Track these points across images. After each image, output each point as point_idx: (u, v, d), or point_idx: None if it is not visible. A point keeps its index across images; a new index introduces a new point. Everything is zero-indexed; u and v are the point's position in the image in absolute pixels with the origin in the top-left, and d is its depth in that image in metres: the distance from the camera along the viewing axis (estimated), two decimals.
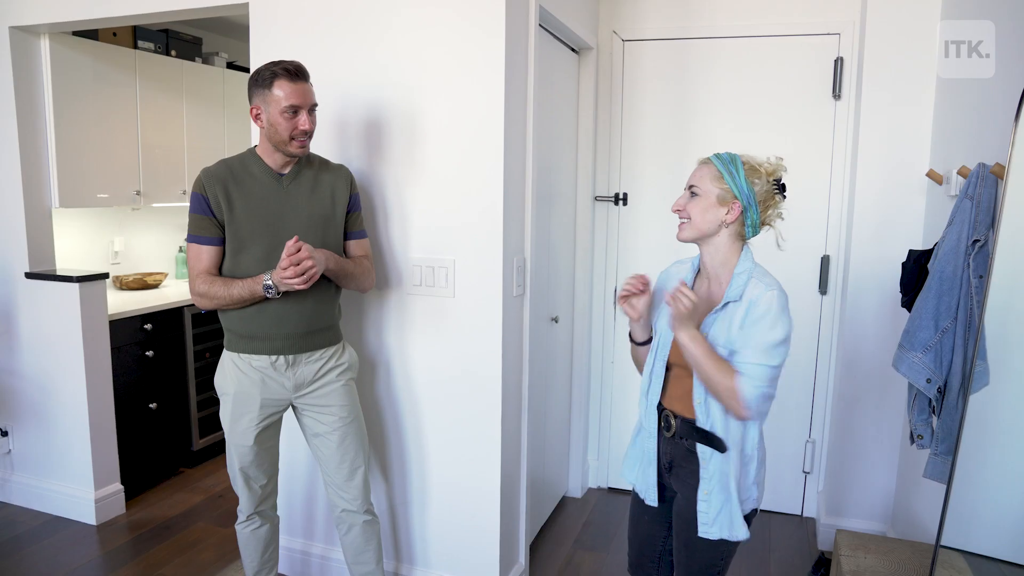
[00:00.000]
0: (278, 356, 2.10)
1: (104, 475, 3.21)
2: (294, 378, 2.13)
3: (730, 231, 1.64)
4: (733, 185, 1.60)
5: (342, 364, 2.21)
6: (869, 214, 2.81)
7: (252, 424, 2.14)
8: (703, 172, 1.64)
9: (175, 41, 3.89)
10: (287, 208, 2.07)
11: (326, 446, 2.21)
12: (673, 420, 1.72)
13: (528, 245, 2.46)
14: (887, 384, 2.82)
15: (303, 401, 2.18)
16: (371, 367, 2.52)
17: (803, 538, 3.12)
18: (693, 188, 1.65)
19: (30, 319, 3.18)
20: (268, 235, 2.04)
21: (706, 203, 1.62)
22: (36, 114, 3.14)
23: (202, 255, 2.05)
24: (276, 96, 1.97)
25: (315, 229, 2.09)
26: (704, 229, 1.64)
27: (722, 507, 1.65)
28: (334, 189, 2.15)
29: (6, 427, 3.32)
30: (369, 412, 2.54)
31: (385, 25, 2.34)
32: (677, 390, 1.72)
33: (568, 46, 3.02)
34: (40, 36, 3.12)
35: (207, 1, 2.61)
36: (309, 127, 2.01)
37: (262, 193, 2.05)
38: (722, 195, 1.61)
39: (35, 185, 3.15)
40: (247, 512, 2.27)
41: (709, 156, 1.66)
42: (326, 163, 2.21)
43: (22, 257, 3.14)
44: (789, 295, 3.17)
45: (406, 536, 2.57)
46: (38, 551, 2.94)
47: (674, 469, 1.75)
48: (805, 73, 3.04)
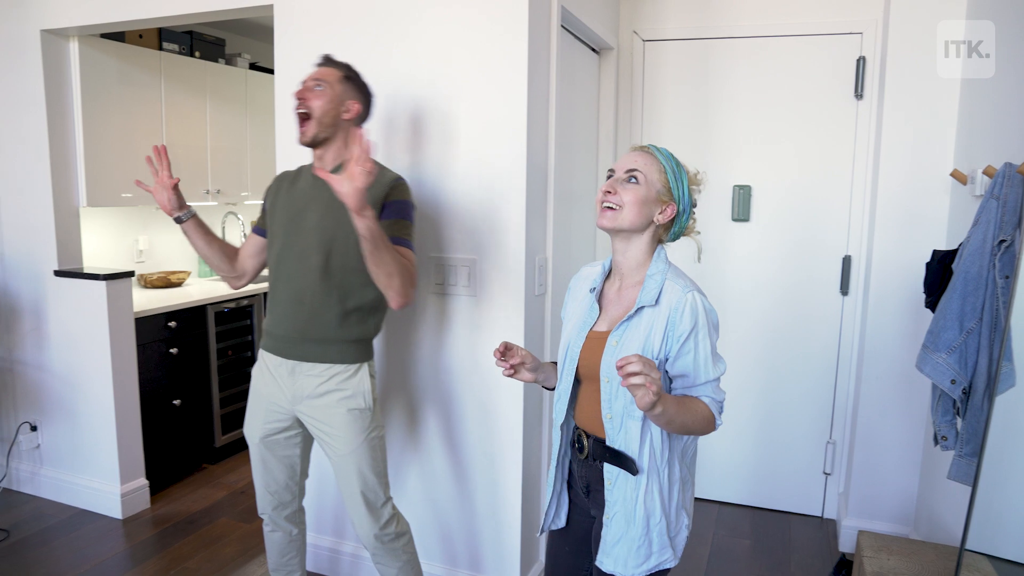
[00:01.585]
0: (277, 358, 2.06)
1: (129, 470, 3.26)
2: (293, 387, 2.05)
3: (653, 232, 1.50)
4: (676, 187, 1.48)
5: (345, 390, 2.02)
6: (892, 214, 2.79)
7: (259, 422, 2.11)
8: (647, 161, 1.48)
9: (199, 42, 3.94)
10: (311, 203, 2.02)
11: (335, 471, 2.09)
12: (585, 440, 1.54)
13: (550, 245, 2.47)
14: (910, 385, 2.81)
15: (304, 415, 2.07)
16: (393, 365, 2.55)
17: (823, 540, 3.11)
18: (634, 173, 1.47)
19: (58, 316, 3.24)
20: (285, 231, 2.04)
21: (647, 195, 1.46)
22: (65, 115, 3.20)
23: (248, 240, 2.24)
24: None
25: (324, 230, 1.98)
26: (635, 221, 1.46)
27: (621, 538, 1.48)
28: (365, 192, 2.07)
29: (35, 422, 3.38)
30: (391, 410, 2.56)
31: (408, 25, 2.36)
32: (587, 406, 1.55)
33: (589, 46, 3.03)
34: (69, 39, 3.17)
35: (232, 3, 2.65)
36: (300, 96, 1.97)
37: (298, 191, 2.07)
38: (662, 192, 1.47)
39: (64, 185, 3.20)
40: (260, 510, 2.24)
41: (648, 146, 1.52)
42: (380, 168, 2.02)
43: (51, 255, 3.19)
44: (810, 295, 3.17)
45: (427, 532, 2.59)
46: (66, 544, 2.99)
47: (591, 493, 1.58)
48: (827, 73, 3.03)
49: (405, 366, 2.53)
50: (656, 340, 1.43)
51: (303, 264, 2.00)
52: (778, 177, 3.16)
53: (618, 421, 1.47)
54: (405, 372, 2.53)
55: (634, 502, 1.47)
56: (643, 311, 1.46)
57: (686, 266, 1.66)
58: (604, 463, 1.50)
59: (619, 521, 1.49)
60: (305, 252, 1.99)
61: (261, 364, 2.14)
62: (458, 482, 2.51)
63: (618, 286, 1.55)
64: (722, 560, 2.94)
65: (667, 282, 1.46)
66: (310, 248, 1.98)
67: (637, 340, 1.44)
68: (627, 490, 1.47)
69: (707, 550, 3.01)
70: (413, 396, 2.53)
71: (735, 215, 3.22)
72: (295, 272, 2.01)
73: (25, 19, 3.05)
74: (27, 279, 3.28)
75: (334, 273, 1.98)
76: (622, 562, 1.48)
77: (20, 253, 3.28)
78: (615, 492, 1.49)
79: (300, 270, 2.00)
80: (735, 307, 3.28)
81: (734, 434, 3.36)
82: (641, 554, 1.48)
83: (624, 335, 1.46)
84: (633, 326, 1.46)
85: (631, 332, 1.45)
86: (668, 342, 1.43)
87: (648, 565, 1.49)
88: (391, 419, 2.57)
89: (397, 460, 2.59)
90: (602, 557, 1.51)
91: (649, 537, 1.48)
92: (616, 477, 1.49)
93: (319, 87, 1.97)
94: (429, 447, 2.54)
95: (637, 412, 1.44)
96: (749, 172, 3.19)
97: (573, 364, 1.55)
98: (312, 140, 1.98)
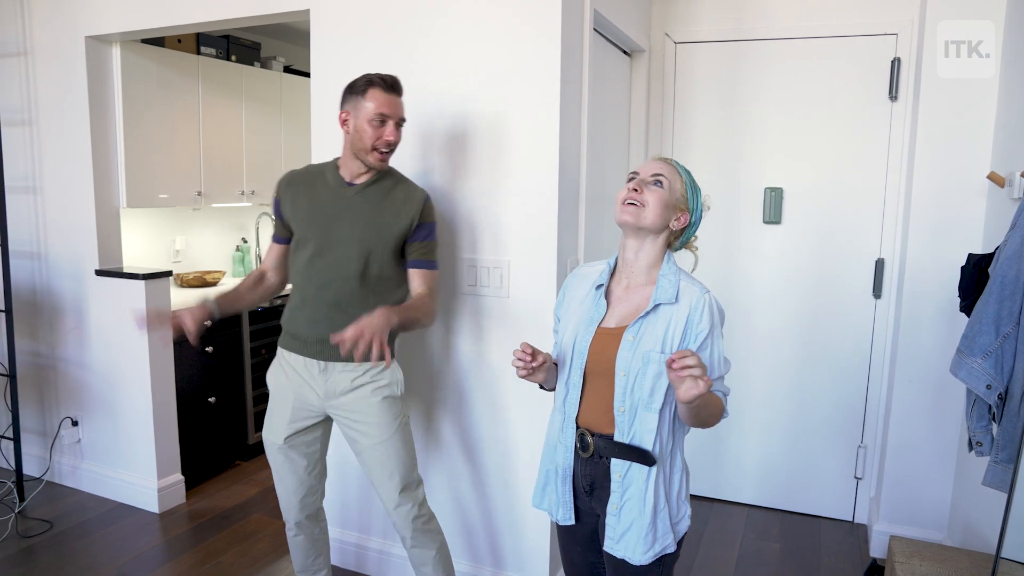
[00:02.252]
0: (308, 359, 2.12)
1: (166, 465, 3.33)
2: (325, 385, 2.12)
3: (666, 236, 1.59)
4: (692, 199, 1.59)
5: (380, 380, 2.12)
6: (926, 217, 2.77)
7: (284, 424, 2.16)
8: (670, 170, 1.58)
9: (235, 46, 4.02)
10: (345, 215, 2.08)
11: (364, 461, 2.16)
12: (589, 438, 1.59)
13: (581, 246, 2.49)
14: (944, 389, 2.78)
15: (335, 411, 2.14)
16: (426, 365, 2.58)
17: (854, 545, 3.09)
18: (659, 178, 1.56)
19: (99, 315, 3.33)
20: (315, 240, 2.09)
21: (668, 200, 1.56)
22: (107, 118, 3.28)
23: (270, 252, 2.27)
24: (367, 106, 2.01)
25: (364, 242, 2.06)
26: (656, 222, 1.55)
27: (632, 525, 1.54)
28: (400, 209, 2.09)
29: (77, 417, 3.47)
30: (422, 409, 2.60)
31: (442, 30, 2.39)
32: (595, 403, 1.59)
33: (620, 48, 3.04)
34: (112, 44, 3.26)
35: (270, 8, 2.70)
36: (393, 138, 2.04)
37: (327, 198, 2.11)
38: (680, 201, 1.58)
39: (105, 186, 3.29)
40: (284, 515, 2.28)
41: (668, 158, 1.62)
42: (406, 183, 2.16)
43: (92, 255, 3.28)
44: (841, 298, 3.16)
45: (460, 531, 2.62)
46: (106, 536, 3.07)
47: (595, 491, 1.62)
48: (860, 74, 3.01)
49: (438, 365, 2.56)
50: (675, 336, 1.51)
51: (341, 272, 2.07)
52: (810, 179, 3.14)
53: (631, 414, 1.53)
54: (438, 371, 2.56)
55: (644, 492, 1.54)
56: (660, 308, 1.52)
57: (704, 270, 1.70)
58: (612, 458, 1.56)
59: (631, 510, 1.55)
60: (342, 261, 2.07)
61: (281, 366, 2.18)
62: (486, 481, 2.54)
63: (625, 285, 1.61)
64: (751, 563, 2.93)
65: (682, 282, 1.55)
66: (348, 258, 2.06)
67: (655, 336, 1.51)
68: (638, 481, 1.54)
69: (735, 553, 3.00)
70: (444, 394, 2.57)
71: (766, 217, 3.21)
72: (332, 279, 2.08)
73: (71, 26, 3.14)
74: (69, 278, 3.37)
75: (371, 280, 2.09)
76: (631, 549, 1.55)
77: (63, 253, 3.37)
78: (625, 484, 1.55)
79: (338, 278, 2.07)
80: (765, 309, 3.27)
81: (764, 437, 3.35)
82: (647, 541, 1.55)
83: (641, 331, 1.52)
84: (650, 322, 1.52)
85: (648, 328, 1.52)
86: (687, 338, 1.51)
87: (653, 551, 1.55)
88: (421, 418, 2.61)
89: (425, 458, 2.63)
90: (612, 544, 1.58)
91: (655, 525, 1.55)
92: (627, 470, 1.54)
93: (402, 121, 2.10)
94: (458, 445, 2.57)
95: (655, 404, 1.51)
96: (781, 174, 3.18)
97: (582, 359, 1.59)
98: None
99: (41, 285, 3.47)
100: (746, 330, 3.30)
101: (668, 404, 1.53)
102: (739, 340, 3.29)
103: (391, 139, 2.03)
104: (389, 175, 2.15)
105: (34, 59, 3.28)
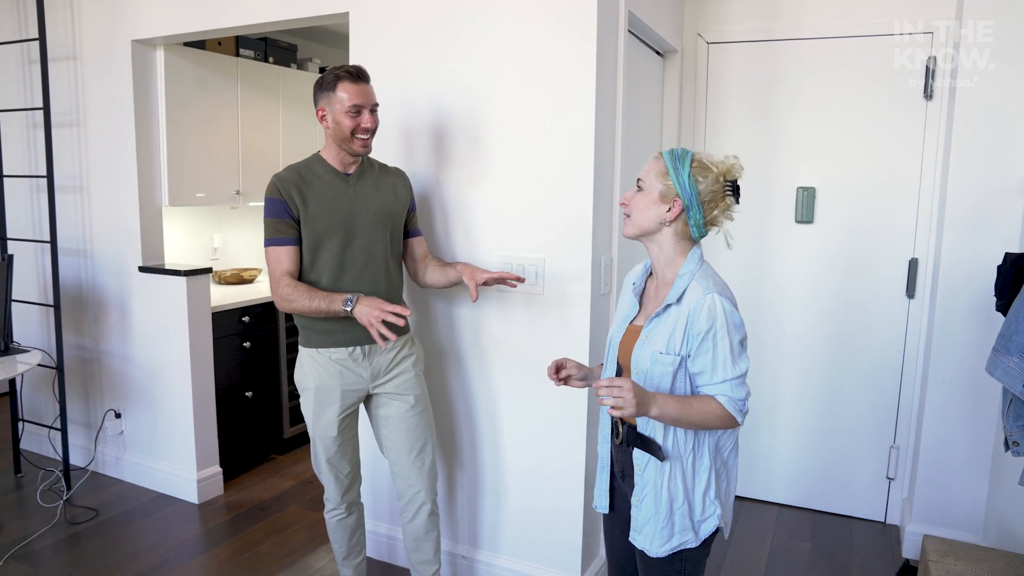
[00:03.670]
0: (355, 347, 2.21)
1: (205, 457, 3.42)
2: (371, 368, 2.25)
3: (673, 230, 1.57)
4: (676, 182, 1.54)
5: (413, 354, 2.34)
6: (961, 216, 2.75)
7: (335, 416, 2.25)
8: (651, 167, 1.59)
9: (272, 48, 4.10)
10: (357, 205, 2.20)
11: (397, 434, 2.32)
12: (620, 427, 1.66)
13: (615, 245, 2.52)
14: (978, 389, 2.76)
15: (381, 389, 2.29)
16: (461, 358, 2.63)
17: (886, 545, 3.07)
18: (639, 182, 1.60)
19: (142, 310, 3.43)
20: (341, 231, 2.17)
21: (648, 199, 1.57)
22: (151, 119, 3.38)
23: (283, 256, 2.14)
24: (340, 97, 2.10)
25: (382, 224, 2.24)
26: (644, 226, 1.58)
27: (650, 518, 1.59)
28: (395, 188, 2.30)
29: (120, 409, 3.57)
30: (456, 403, 2.65)
31: (480, 32, 2.44)
32: None
33: (653, 49, 3.07)
34: (156, 47, 3.36)
35: (309, 11, 2.76)
36: (371, 124, 2.15)
37: (332, 192, 2.18)
38: (664, 191, 1.55)
39: (148, 185, 3.39)
40: (334, 502, 2.38)
41: (661, 151, 1.62)
42: (385, 166, 2.35)
43: (136, 252, 3.38)
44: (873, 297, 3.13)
45: (492, 525, 2.66)
46: (147, 525, 3.17)
47: (626, 478, 1.70)
48: (895, 73, 3.00)
49: (476, 360, 2.61)
50: (678, 337, 1.53)
51: (372, 258, 2.21)
52: (843, 179, 3.14)
53: None
54: (475, 366, 2.61)
55: (660, 486, 1.58)
56: (669, 309, 1.55)
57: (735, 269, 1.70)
58: (634, 448, 1.61)
59: (648, 503, 1.59)
60: (369, 248, 2.21)
61: (316, 363, 2.22)
62: (522, 475, 2.58)
63: (656, 284, 1.66)
64: (781, 562, 2.93)
65: (692, 283, 1.54)
66: (374, 241, 2.22)
67: (663, 335, 1.55)
68: (655, 475, 1.58)
69: (766, 551, 3.01)
70: (479, 388, 2.61)
71: (799, 217, 3.21)
72: (365, 266, 2.21)
73: (118, 31, 3.25)
74: (114, 275, 3.48)
75: (393, 257, 2.29)
76: (649, 540, 1.60)
77: (108, 250, 3.48)
78: (645, 476, 1.60)
79: (370, 264, 2.21)
80: (797, 308, 3.27)
81: (795, 436, 3.35)
82: (664, 534, 1.58)
83: (652, 330, 1.57)
84: (660, 322, 1.56)
85: (658, 328, 1.56)
86: (688, 341, 1.52)
87: (670, 545, 1.59)
88: (461, 413, 2.65)
89: (465, 452, 2.67)
90: (634, 534, 1.63)
91: (672, 519, 1.58)
92: (646, 463, 1.59)
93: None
94: (495, 438, 2.61)
95: None
96: (813, 174, 3.18)
97: (615, 354, 1.68)
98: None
99: (87, 281, 3.58)
100: (778, 329, 3.30)
101: None
102: (770, 339, 3.30)
103: (369, 125, 2.15)
104: (369, 163, 2.30)
105: (83, 63, 3.39)
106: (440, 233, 2.60)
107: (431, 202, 2.60)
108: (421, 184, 2.59)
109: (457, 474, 2.70)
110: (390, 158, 2.57)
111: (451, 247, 2.58)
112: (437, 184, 2.58)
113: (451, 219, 2.57)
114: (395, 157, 2.61)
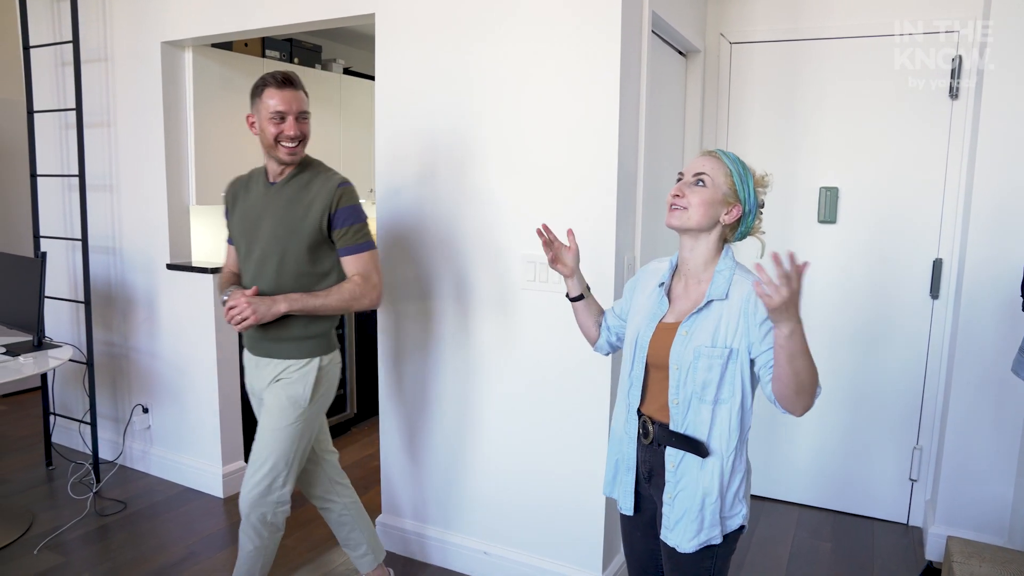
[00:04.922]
0: (249, 355, 2.31)
1: (230, 452, 3.47)
2: (259, 378, 2.29)
3: (719, 231, 1.60)
4: (742, 189, 1.58)
5: (291, 379, 2.20)
6: (987, 216, 2.74)
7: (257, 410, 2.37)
8: (713, 165, 1.59)
9: (298, 49, 4.15)
10: (265, 214, 2.20)
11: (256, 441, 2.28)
12: (651, 426, 1.64)
13: (638, 244, 2.53)
14: (1003, 390, 2.74)
15: (264, 400, 2.29)
16: (488, 358, 2.65)
17: (908, 546, 3.06)
18: (702, 177, 1.58)
19: (169, 307, 3.49)
20: (244, 240, 2.24)
21: (712, 196, 1.57)
22: (179, 120, 3.44)
23: (228, 254, 2.40)
24: (266, 103, 2.10)
25: (278, 240, 2.16)
26: (701, 222, 1.58)
27: (683, 515, 1.59)
28: (313, 201, 2.15)
29: (147, 404, 3.64)
30: (487, 402, 2.67)
31: (505, 32, 2.46)
32: (655, 395, 1.64)
33: (676, 49, 3.07)
34: (185, 49, 3.42)
35: (336, 12, 2.80)
36: (294, 132, 2.10)
37: (253, 200, 2.23)
38: (728, 194, 1.57)
39: (176, 184, 3.45)
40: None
41: (715, 151, 1.62)
42: (325, 175, 2.20)
43: (164, 250, 3.44)
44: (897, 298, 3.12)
45: (515, 520, 2.68)
46: (174, 518, 3.22)
47: (653, 478, 1.67)
48: (920, 72, 2.98)
49: (499, 358, 2.63)
50: (727, 332, 1.53)
51: (263, 271, 2.20)
52: (866, 179, 3.13)
53: (685, 406, 1.57)
54: (499, 365, 2.63)
55: (696, 482, 1.57)
56: (712, 304, 1.56)
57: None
58: (667, 447, 1.60)
59: (683, 500, 1.59)
60: (262, 261, 2.19)
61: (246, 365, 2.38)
62: (545, 473, 2.60)
63: (684, 283, 1.65)
64: (802, 562, 2.93)
65: (736, 276, 1.56)
66: (266, 257, 2.18)
67: (707, 331, 1.55)
68: (691, 471, 1.58)
69: (787, 551, 3.01)
70: (505, 387, 2.63)
71: (821, 217, 3.20)
72: (257, 279, 2.21)
73: (148, 33, 3.31)
74: (142, 272, 3.54)
75: (289, 277, 2.18)
76: (680, 537, 1.60)
77: (137, 248, 3.54)
78: (679, 473, 1.59)
79: (261, 277, 2.21)
80: (820, 308, 3.26)
81: (817, 436, 3.34)
82: (692, 529, 1.58)
83: (694, 326, 1.56)
84: (703, 317, 1.56)
85: (701, 323, 1.56)
86: (749, 332, 1.52)
87: (698, 540, 1.58)
88: (486, 411, 2.68)
89: (490, 451, 2.70)
90: (666, 532, 1.62)
91: (703, 515, 1.58)
92: (680, 460, 1.59)
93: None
94: (521, 438, 2.63)
95: (708, 397, 1.55)
96: (836, 174, 3.17)
97: (643, 353, 1.65)
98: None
99: (116, 278, 3.64)
100: None
101: (728, 400, 1.55)
102: None
103: (291, 133, 2.10)
104: (309, 168, 2.22)
105: (114, 64, 3.46)
106: (463, 233, 2.62)
107: (454, 201, 2.63)
108: (444, 184, 2.62)
109: (481, 472, 2.73)
110: (412, 156, 2.61)
111: (474, 246, 2.61)
112: (460, 183, 2.60)
113: (475, 218, 2.60)
114: (418, 156, 2.64)
